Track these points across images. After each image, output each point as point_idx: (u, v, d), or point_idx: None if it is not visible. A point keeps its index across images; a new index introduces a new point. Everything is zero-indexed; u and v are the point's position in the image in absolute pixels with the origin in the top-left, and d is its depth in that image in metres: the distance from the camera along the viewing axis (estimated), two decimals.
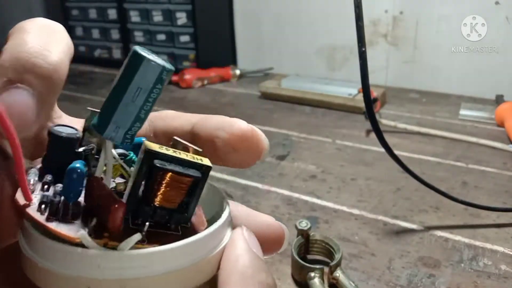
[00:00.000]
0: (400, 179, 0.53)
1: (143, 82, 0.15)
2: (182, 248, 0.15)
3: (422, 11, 0.90)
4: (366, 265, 0.39)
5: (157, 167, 0.16)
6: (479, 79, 0.87)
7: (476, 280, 0.36)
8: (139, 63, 0.15)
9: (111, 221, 0.15)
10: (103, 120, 0.15)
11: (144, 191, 0.16)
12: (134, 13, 1.16)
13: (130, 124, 0.15)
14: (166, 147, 0.16)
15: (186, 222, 0.17)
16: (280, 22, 1.09)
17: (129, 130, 0.16)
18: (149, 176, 0.16)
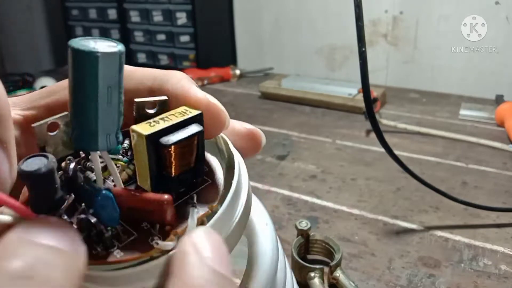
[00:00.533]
0: (400, 179, 0.53)
1: (110, 79, 0.14)
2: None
3: (422, 11, 0.90)
4: (366, 265, 0.39)
5: (164, 145, 0.15)
6: (479, 79, 0.87)
7: (476, 280, 0.36)
8: (95, 62, 0.13)
9: (169, 216, 0.15)
10: (89, 136, 0.14)
11: (160, 169, 0.16)
12: (134, 13, 1.16)
13: (116, 125, 0.15)
14: (150, 120, 0.16)
15: (204, 171, 0.17)
16: (280, 22, 1.09)
17: (118, 129, 0.15)
18: (157, 156, 0.15)
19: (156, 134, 0.15)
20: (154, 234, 0.15)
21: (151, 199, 0.15)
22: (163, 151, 0.15)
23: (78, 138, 0.14)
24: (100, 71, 0.13)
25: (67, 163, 0.16)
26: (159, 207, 0.15)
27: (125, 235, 0.15)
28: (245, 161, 0.19)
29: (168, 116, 0.16)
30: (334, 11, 0.99)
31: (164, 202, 0.15)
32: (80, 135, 0.14)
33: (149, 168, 0.15)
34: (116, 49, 0.13)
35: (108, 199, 0.15)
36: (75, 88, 0.14)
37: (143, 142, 0.15)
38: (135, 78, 0.19)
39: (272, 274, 0.19)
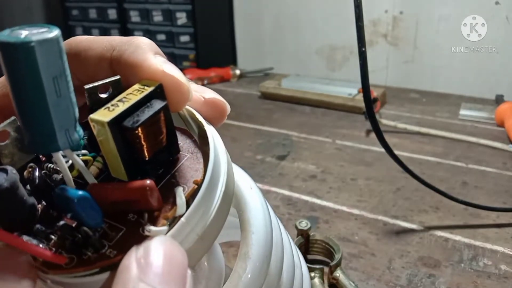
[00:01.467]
0: (400, 179, 0.53)
1: (52, 69, 0.12)
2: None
3: (422, 11, 0.90)
4: (366, 265, 0.39)
5: (130, 128, 0.14)
6: (479, 79, 0.87)
7: (476, 280, 0.36)
8: (31, 53, 0.11)
9: (155, 202, 0.14)
10: (46, 137, 0.13)
11: (132, 155, 0.15)
12: (134, 13, 1.16)
13: (73, 117, 0.13)
14: (108, 105, 0.14)
15: (178, 146, 0.16)
16: (280, 22, 1.09)
17: (75, 122, 0.13)
18: (125, 141, 0.14)
19: (118, 119, 0.14)
20: (144, 223, 0.14)
21: (132, 189, 0.14)
22: (130, 135, 0.14)
23: (34, 141, 0.13)
24: (40, 62, 0.12)
25: (29, 172, 0.15)
26: (142, 195, 0.14)
27: (113, 231, 0.14)
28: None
29: (126, 96, 0.15)
30: (334, 11, 0.99)
31: (147, 188, 0.14)
32: (35, 138, 0.13)
33: (120, 157, 0.14)
34: (52, 34, 0.12)
35: (86, 200, 0.14)
36: (16, 87, 0.12)
37: (107, 130, 0.14)
38: (94, 54, 0.17)
39: (268, 237, 0.18)
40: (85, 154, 0.15)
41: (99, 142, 0.14)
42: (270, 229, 0.19)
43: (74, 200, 0.13)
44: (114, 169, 0.15)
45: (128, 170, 0.15)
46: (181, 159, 0.16)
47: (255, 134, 0.71)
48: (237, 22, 1.16)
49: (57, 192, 0.14)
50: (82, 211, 0.13)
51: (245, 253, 0.17)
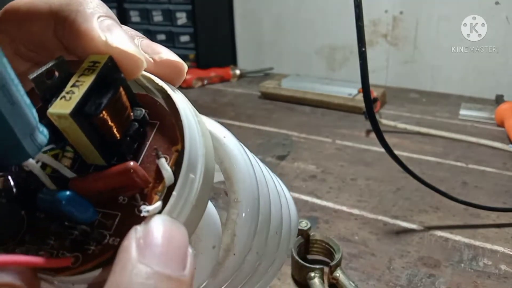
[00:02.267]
0: (400, 179, 0.53)
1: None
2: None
3: (422, 11, 0.90)
4: (366, 265, 0.39)
5: (94, 114, 0.13)
6: (479, 79, 0.87)
7: (476, 280, 0.36)
8: None
9: (142, 181, 0.14)
10: (12, 148, 0.12)
11: (103, 138, 0.14)
12: (134, 13, 1.16)
13: (33, 120, 0.13)
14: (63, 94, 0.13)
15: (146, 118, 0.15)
16: (280, 22, 1.09)
17: (37, 123, 0.13)
18: (92, 127, 0.14)
19: (79, 108, 0.13)
20: (138, 205, 0.14)
21: (116, 174, 0.13)
22: (96, 120, 0.14)
23: (1, 156, 0.12)
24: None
25: (3, 183, 0.14)
26: (128, 179, 0.13)
27: (109, 219, 0.14)
28: None
29: (78, 79, 0.14)
30: (334, 11, 0.99)
31: (131, 170, 0.13)
32: (2, 152, 0.12)
33: (91, 144, 0.14)
34: None
35: (73, 199, 0.13)
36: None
37: (71, 122, 0.13)
38: (35, 24, 0.16)
39: (252, 178, 0.19)
40: (53, 148, 0.15)
41: (64, 133, 0.14)
42: (252, 171, 0.19)
43: (62, 202, 0.13)
44: (88, 156, 0.14)
45: (103, 154, 0.14)
46: (152, 127, 0.15)
47: (255, 134, 0.71)
48: (237, 22, 1.16)
49: (41, 198, 0.13)
50: (73, 210, 0.13)
51: (234, 199, 0.18)
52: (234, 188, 0.18)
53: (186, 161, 0.14)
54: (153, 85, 0.17)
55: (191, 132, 0.15)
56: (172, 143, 0.15)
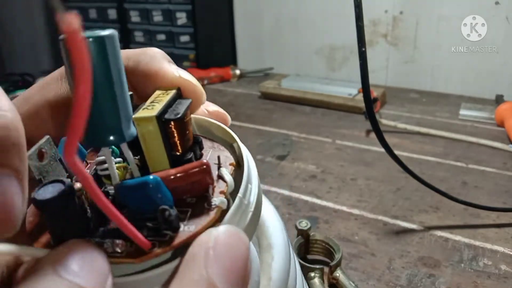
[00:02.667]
0: (400, 179, 0.53)
1: (117, 61, 0.13)
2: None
3: (422, 11, 0.90)
4: (366, 265, 0.39)
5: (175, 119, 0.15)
6: (479, 79, 0.87)
7: (476, 280, 0.36)
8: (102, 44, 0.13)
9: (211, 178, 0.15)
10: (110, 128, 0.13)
11: (171, 149, 0.16)
12: (134, 13, 1.16)
13: (131, 110, 0.14)
14: (144, 106, 0.15)
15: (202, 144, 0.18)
16: (280, 22, 1.09)
17: (131, 117, 0.14)
18: (167, 135, 0.15)
19: (162, 112, 0.15)
20: (209, 197, 0.15)
21: (192, 168, 0.14)
22: (172, 127, 0.15)
23: (99, 135, 0.13)
24: (109, 53, 0.13)
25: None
26: (202, 173, 0.14)
27: (182, 214, 0.14)
28: None
29: (155, 100, 0.16)
30: (334, 11, 0.99)
31: (205, 165, 0.14)
32: (100, 130, 0.13)
33: (165, 150, 0.15)
34: (112, 31, 0.13)
35: (159, 184, 0.14)
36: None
37: (155, 124, 0.15)
38: None
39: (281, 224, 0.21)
40: (120, 161, 0.16)
41: (142, 139, 0.15)
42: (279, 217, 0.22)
43: (149, 185, 0.13)
44: (155, 164, 0.16)
45: (172, 164, 0.16)
46: (206, 153, 0.18)
47: (255, 134, 0.71)
48: (237, 22, 1.16)
49: (122, 185, 0.14)
50: (158, 194, 0.13)
51: (267, 244, 0.20)
52: (266, 234, 0.20)
53: (246, 171, 0.16)
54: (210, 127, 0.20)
55: (248, 156, 0.17)
56: (228, 161, 0.17)
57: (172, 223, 0.13)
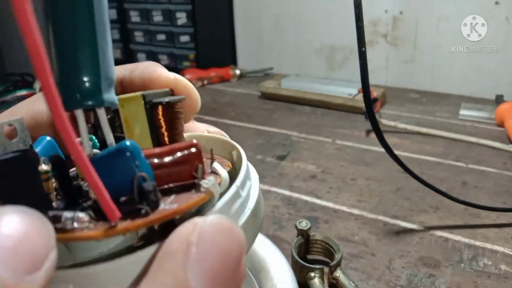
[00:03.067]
0: (400, 179, 0.53)
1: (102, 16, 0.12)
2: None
3: (422, 11, 0.90)
4: (366, 265, 0.39)
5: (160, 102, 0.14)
6: (479, 79, 0.87)
7: (476, 280, 0.36)
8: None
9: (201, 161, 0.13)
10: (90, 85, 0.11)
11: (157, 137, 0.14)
12: (134, 13, 1.16)
13: (113, 73, 0.12)
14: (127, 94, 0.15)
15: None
16: (280, 22, 1.09)
17: (113, 82, 0.13)
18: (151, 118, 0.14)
19: (149, 96, 0.14)
20: (198, 178, 0.13)
21: (180, 148, 0.13)
22: (160, 113, 0.14)
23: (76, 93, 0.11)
24: (95, 4, 0.11)
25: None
26: (190, 154, 0.13)
27: (165, 196, 0.13)
28: None
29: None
30: (334, 11, 0.99)
31: (195, 146, 0.13)
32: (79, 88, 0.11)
33: (150, 132, 0.14)
34: None
35: (136, 148, 0.12)
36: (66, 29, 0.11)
37: (140, 105, 0.14)
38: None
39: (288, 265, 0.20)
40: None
41: (125, 121, 0.14)
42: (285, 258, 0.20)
43: (125, 151, 0.11)
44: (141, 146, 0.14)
45: (155, 144, 0.14)
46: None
47: (255, 134, 0.71)
48: (237, 22, 1.16)
49: (93, 159, 0.12)
50: (135, 161, 0.12)
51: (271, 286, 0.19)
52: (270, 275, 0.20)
53: (244, 166, 0.15)
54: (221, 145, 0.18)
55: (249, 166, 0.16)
56: (224, 164, 0.16)
57: (148, 195, 0.11)
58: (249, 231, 0.13)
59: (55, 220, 0.11)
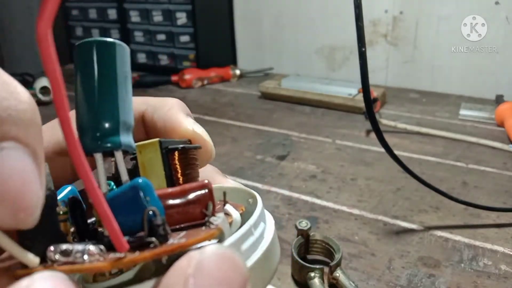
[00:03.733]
0: (400, 179, 0.53)
1: (124, 68, 0.13)
2: None
3: (422, 11, 0.90)
4: (366, 265, 0.39)
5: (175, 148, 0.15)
6: (479, 79, 0.87)
7: (476, 280, 0.36)
8: (113, 48, 0.13)
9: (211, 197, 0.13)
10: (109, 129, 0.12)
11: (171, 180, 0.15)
12: (134, 13, 1.16)
13: (132, 120, 0.14)
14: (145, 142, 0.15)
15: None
16: (280, 22, 1.09)
17: (132, 128, 0.14)
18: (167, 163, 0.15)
19: (166, 143, 0.15)
20: (208, 215, 0.13)
21: (192, 188, 0.13)
22: (176, 158, 0.15)
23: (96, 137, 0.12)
24: (118, 57, 0.13)
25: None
26: (202, 193, 0.13)
27: (175, 232, 0.13)
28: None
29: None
30: (334, 11, 0.99)
31: (206, 186, 0.13)
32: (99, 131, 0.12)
33: (165, 177, 0.14)
34: (123, 44, 0.13)
35: (148, 185, 0.12)
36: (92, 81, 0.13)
37: (157, 150, 0.14)
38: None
39: None
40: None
41: (142, 165, 0.14)
42: None
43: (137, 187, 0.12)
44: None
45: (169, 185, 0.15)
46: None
47: (255, 134, 0.71)
48: (237, 22, 1.16)
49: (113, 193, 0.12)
50: (147, 195, 0.12)
51: None
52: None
53: (259, 206, 0.15)
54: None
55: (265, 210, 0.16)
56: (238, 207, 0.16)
57: (157, 229, 0.12)
58: (259, 273, 0.13)
59: (66, 254, 0.12)
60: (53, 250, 0.12)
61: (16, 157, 0.10)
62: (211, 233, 0.12)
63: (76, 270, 0.11)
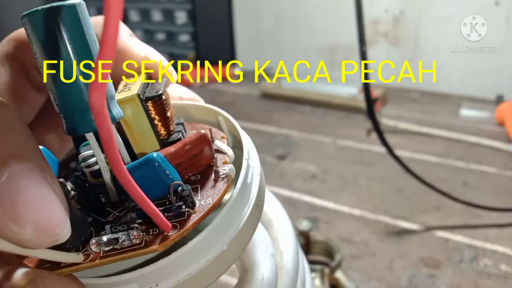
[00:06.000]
0: (401, 179, 0.53)
1: (89, 27, 0.12)
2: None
3: (422, 11, 0.90)
4: (367, 266, 0.38)
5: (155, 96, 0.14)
6: (479, 79, 0.87)
7: (476, 280, 0.36)
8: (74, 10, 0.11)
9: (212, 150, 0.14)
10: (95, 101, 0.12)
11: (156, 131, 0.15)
12: (134, 12, 1.16)
13: (112, 87, 0.13)
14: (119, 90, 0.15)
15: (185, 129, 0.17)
16: (280, 21, 1.08)
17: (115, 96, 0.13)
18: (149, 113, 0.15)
19: (141, 92, 0.14)
20: (216, 166, 0.14)
21: (191, 141, 0.14)
22: (157, 103, 0.15)
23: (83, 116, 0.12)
24: (82, 19, 0.12)
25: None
26: (202, 144, 0.14)
27: (193, 191, 0.14)
28: None
29: (126, 85, 0.15)
30: (334, 10, 0.99)
31: (203, 136, 0.14)
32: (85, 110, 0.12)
33: (152, 130, 0.15)
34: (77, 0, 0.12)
35: (163, 158, 0.13)
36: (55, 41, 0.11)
37: (137, 103, 0.14)
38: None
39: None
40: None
41: (124, 124, 0.14)
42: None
43: (154, 162, 0.13)
44: (142, 144, 0.15)
45: (160, 142, 0.15)
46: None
47: (255, 134, 0.71)
48: (237, 21, 1.16)
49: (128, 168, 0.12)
50: (165, 170, 0.13)
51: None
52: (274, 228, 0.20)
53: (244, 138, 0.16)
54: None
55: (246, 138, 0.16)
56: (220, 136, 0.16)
57: (188, 199, 0.13)
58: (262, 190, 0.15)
59: (109, 244, 0.12)
60: (95, 243, 0.12)
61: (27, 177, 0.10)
62: (227, 186, 0.13)
63: (135, 255, 0.12)
